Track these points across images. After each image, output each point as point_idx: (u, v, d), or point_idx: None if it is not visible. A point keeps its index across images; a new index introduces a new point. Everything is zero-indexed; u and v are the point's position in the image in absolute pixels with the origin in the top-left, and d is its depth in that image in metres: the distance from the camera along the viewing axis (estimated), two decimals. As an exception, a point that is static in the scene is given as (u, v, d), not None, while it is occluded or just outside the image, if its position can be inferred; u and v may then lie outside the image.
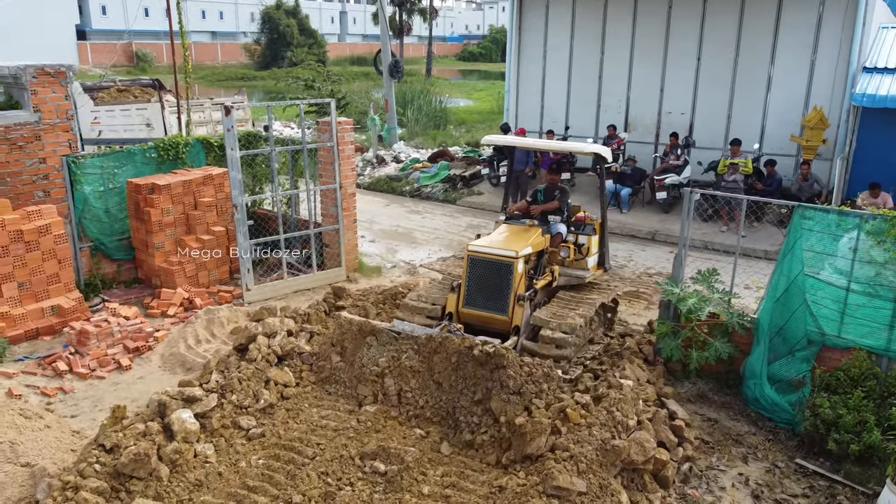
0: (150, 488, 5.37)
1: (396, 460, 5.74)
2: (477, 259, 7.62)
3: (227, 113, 9.21)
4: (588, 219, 8.88)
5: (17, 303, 8.66)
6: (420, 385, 6.61)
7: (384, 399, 6.66)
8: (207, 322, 8.58)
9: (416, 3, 58.62)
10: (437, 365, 6.59)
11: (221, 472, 5.70)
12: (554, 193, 8.82)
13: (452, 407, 6.44)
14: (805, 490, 5.98)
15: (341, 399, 6.84)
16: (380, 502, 5.39)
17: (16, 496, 5.39)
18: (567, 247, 8.50)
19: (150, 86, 16.85)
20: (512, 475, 5.57)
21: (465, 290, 7.69)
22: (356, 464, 5.80)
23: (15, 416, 6.30)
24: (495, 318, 7.56)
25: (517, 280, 7.50)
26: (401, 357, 6.74)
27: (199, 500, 5.37)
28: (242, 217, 9.51)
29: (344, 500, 5.38)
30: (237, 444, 6.07)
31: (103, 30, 60.56)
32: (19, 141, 8.91)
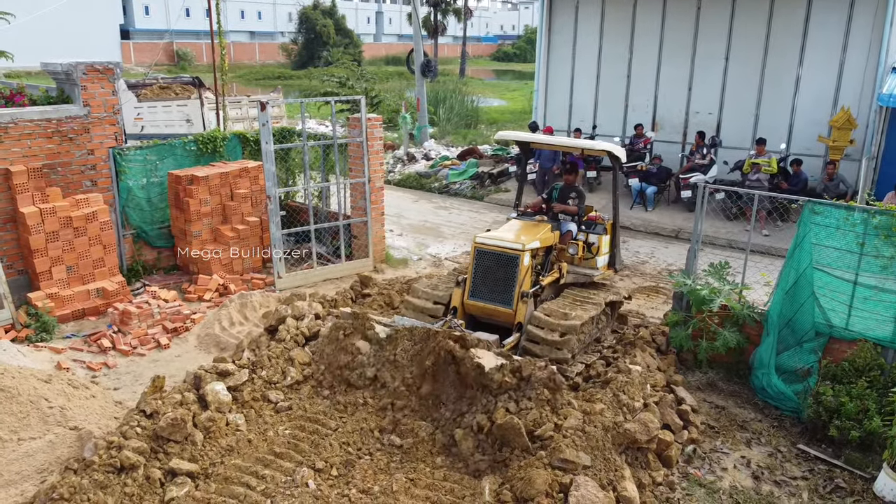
0: (186, 451, 5.83)
1: (411, 434, 6.12)
2: (483, 251, 7.67)
3: (263, 109, 9.69)
4: (599, 219, 8.91)
5: (66, 285, 9.25)
6: (407, 385, 6.49)
7: (379, 395, 6.57)
8: (241, 306, 9.06)
9: (451, 3, 59.03)
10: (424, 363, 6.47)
11: (251, 440, 6.14)
12: (570, 193, 8.87)
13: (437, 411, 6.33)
14: (805, 473, 6.22)
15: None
16: (396, 470, 5.78)
17: (65, 455, 5.89)
18: (576, 244, 8.54)
19: (191, 83, 17.51)
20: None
21: (471, 281, 7.74)
22: (375, 436, 6.20)
23: (64, 385, 6.83)
24: (500, 310, 7.60)
25: (523, 273, 7.52)
26: (395, 352, 6.67)
27: (230, 463, 5.82)
28: (275, 208, 9.99)
29: (363, 467, 5.78)
30: (266, 415, 6.51)
31: (146, 29, 62.15)
32: (70, 133, 9.51)
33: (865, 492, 5.93)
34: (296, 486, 5.48)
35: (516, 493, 5.32)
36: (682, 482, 6.06)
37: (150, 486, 5.45)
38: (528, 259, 7.62)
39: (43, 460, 5.90)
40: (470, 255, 7.82)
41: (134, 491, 5.36)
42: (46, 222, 9.01)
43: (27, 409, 6.24)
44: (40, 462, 5.88)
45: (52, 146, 9.38)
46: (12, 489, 5.63)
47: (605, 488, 5.47)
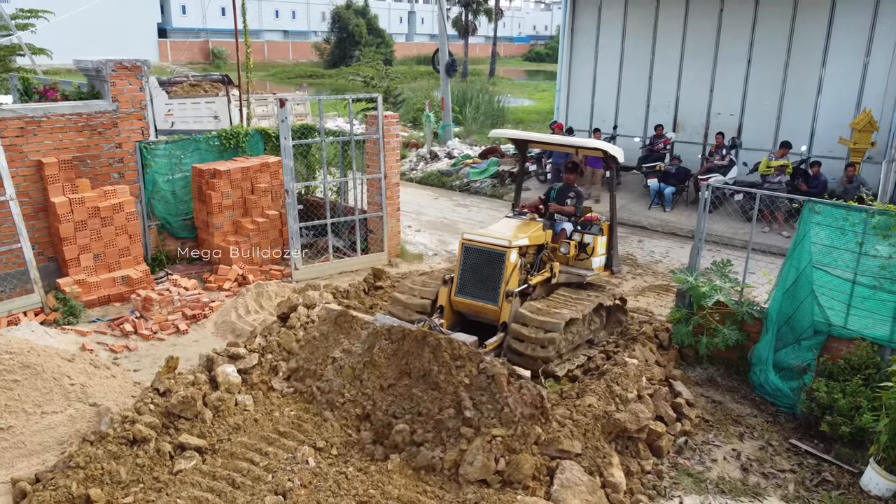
0: (195, 428, 6.16)
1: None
2: (471, 247, 7.61)
3: (282, 105, 10.03)
4: (596, 219, 8.83)
5: (93, 272, 9.69)
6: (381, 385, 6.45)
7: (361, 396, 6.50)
8: (257, 295, 9.41)
9: (483, 3, 59.20)
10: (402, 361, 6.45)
11: (257, 419, 6.45)
12: (568, 194, 8.83)
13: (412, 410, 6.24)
14: (793, 466, 6.34)
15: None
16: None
17: (84, 429, 6.26)
18: (568, 243, 8.45)
19: (220, 81, 18.02)
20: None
21: (458, 278, 7.67)
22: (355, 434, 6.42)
23: (86, 364, 7.22)
24: (486, 307, 7.53)
25: (509, 270, 7.44)
26: (373, 350, 6.60)
27: (236, 440, 6.13)
28: (293, 201, 10.33)
29: (362, 447, 6.05)
30: (272, 397, 6.82)
31: (182, 28, 63.39)
32: (99, 127, 9.96)
33: (852, 486, 6.03)
34: (296, 463, 5.77)
35: (504, 477, 5.54)
36: (670, 471, 6.23)
37: (160, 458, 5.79)
38: (514, 256, 7.54)
39: (63, 433, 6.28)
40: (458, 252, 7.76)
41: (145, 462, 5.70)
42: (76, 212, 9.46)
43: (51, 385, 6.62)
44: (61, 434, 6.26)
45: (83, 139, 9.83)
46: (34, 458, 6.01)
47: (592, 474, 5.68)
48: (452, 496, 5.46)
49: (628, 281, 11.46)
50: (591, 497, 5.33)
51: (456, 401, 5.93)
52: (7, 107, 9.26)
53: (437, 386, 6.09)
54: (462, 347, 6.19)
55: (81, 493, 5.27)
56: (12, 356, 6.63)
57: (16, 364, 6.57)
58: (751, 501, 5.85)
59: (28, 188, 9.42)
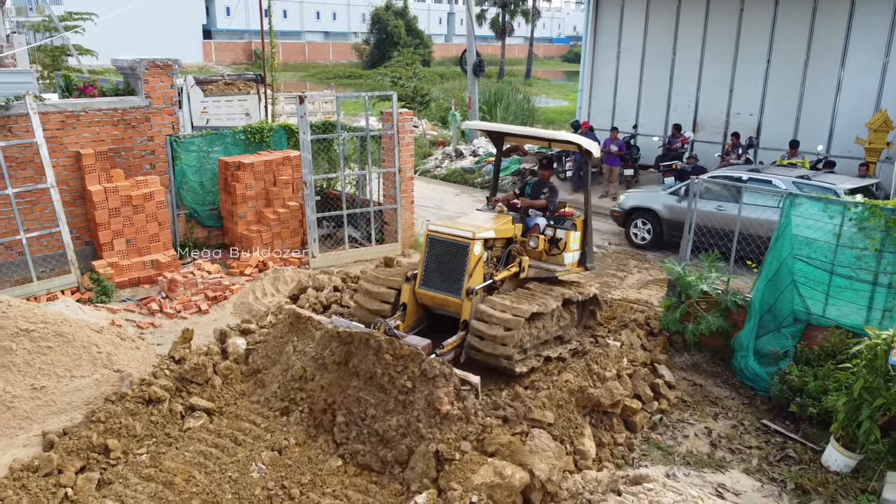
0: (206, 392, 6.80)
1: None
2: (435, 239, 7.49)
3: (301, 102, 10.67)
4: (571, 214, 8.67)
5: (125, 255, 10.46)
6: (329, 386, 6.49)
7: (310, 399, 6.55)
8: (274, 279, 10.05)
9: (520, 4, 59.48)
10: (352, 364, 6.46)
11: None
12: (543, 189, 8.78)
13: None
14: (760, 444, 6.69)
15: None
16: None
17: (107, 391, 6.93)
18: (536, 237, 8.23)
19: (253, 80, 18.76)
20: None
21: (423, 270, 7.54)
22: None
23: (113, 336, 7.92)
24: (450, 300, 7.39)
25: (473, 262, 7.27)
26: (324, 353, 6.63)
27: (241, 404, 6.75)
28: (311, 193, 10.96)
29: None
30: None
31: (226, 29, 64.99)
32: (133, 121, 10.73)
33: (813, 462, 6.36)
34: (291, 425, 6.36)
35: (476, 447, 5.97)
36: (642, 445, 6.64)
37: (172, 416, 6.44)
38: (479, 248, 7.38)
39: (89, 395, 6.96)
40: (422, 243, 7.69)
41: (158, 420, 6.35)
42: (110, 200, 10.23)
43: (80, 352, 7.32)
44: (87, 396, 6.95)
45: (117, 133, 10.61)
46: (63, 416, 6.70)
47: (563, 442, 6.12)
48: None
49: (633, 274, 11.83)
50: (557, 462, 5.77)
51: (400, 403, 5.99)
52: (49, 102, 10.08)
53: (383, 388, 6.12)
54: (404, 348, 6.14)
55: (101, 443, 5.94)
56: (47, 325, 7.35)
57: (50, 332, 7.28)
58: (713, 473, 6.23)
59: (67, 177, 10.22)
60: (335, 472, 5.83)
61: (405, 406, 5.98)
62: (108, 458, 5.88)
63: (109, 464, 5.84)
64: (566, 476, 5.85)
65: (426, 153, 21.72)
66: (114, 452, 5.90)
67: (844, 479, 6.07)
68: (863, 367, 6.05)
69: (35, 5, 51.16)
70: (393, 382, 6.07)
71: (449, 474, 5.45)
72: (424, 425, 5.83)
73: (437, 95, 27.50)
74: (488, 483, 5.33)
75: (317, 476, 5.78)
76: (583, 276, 9.57)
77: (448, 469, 5.51)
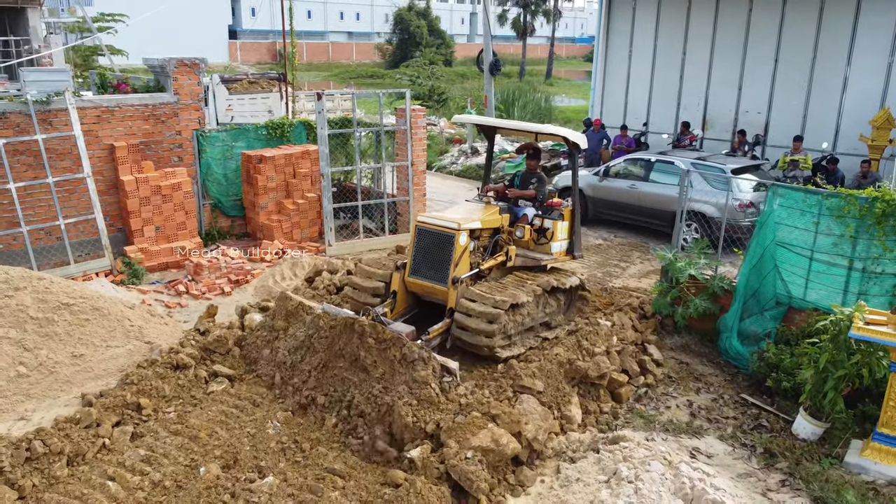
0: (226, 361, 7.47)
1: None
2: (423, 229, 7.76)
3: (319, 98, 11.34)
4: (559, 205, 8.82)
5: (154, 242, 11.20)
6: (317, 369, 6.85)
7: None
8: (292, 265, 10.72)
9: (541, 4, 59.87)
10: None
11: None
12: (531, 179, 9.02)
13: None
14: (736, 415, 7.20)
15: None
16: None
17: (138, 360, 7.64)
18: (523, 227, 8.44)
19: (276, 79, 19.51)
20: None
21: (412, 259, 7.80)
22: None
23: (144, 312, 8.64)
24: (437, 288, 7.64)
25: (458, 252, 7.53)
26: (312, 336, 6.99)
27: (259, 371, 7.41)
28: (327, 184, 11.62)
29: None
30: (294, 342, 8.06)
31: (252, 30, 66.15)
32: (162, 117, 11.47)
33: (784, 431, 6.86)
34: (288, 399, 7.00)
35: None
36: (626, 414, 7.18)
37: (196, 381, 7.11)
38: (464, 238, 7.64)
39: (123, 363, 7.68)
40: (411, 234, 7.98)
41: (185, 383, 7.03)
42: (141, 189, 10.98)
43: (114, 325, 8.04)
44: (121, 364, 7.66)
45: (148, 127, 11.37)
46: (100, 381, 7.41)
47: (551, 408, 6.69)
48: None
49: (635, 265, 12.33)
50: (543, 423, 6.35)
51: (381, 383, 6.39)
52: (86, 98, 10.87)
53: (365, 369, 6.53)
54: (385, 331, 6.49)
55: (134, 402, 6.62)
56: (85, 300, 8.08)
57: (87, 306, 8.01)
58: (690, 438, 6.76)
59: (102, 168, 10.99)
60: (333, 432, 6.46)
61: (386, 386, 6.33)
62: (141, 414, 6.57)
63: (142, 419, 6.52)
64: (552, 437, 6.42)
65: (442, 150, 22.33)
66: (145, 410, 6.58)
67: (811, 446, 6.57)
68: (828, 341, 6.55)
69: (66, 6, 52.71)
70: (375, 364, 6.45)
71: (449, 431, 6.00)
72: (404, 404, 6.16)
73: (454, 94, 28.08)
74: (484, 447, 5.87)
75: (322, 435, 6.40)
76: (573, 264, 9.89)
77: (449, 427, 6.06)
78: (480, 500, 5.61)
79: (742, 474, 6.19)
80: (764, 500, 5.83)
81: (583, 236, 13.49)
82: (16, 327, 7.44)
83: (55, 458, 5.78)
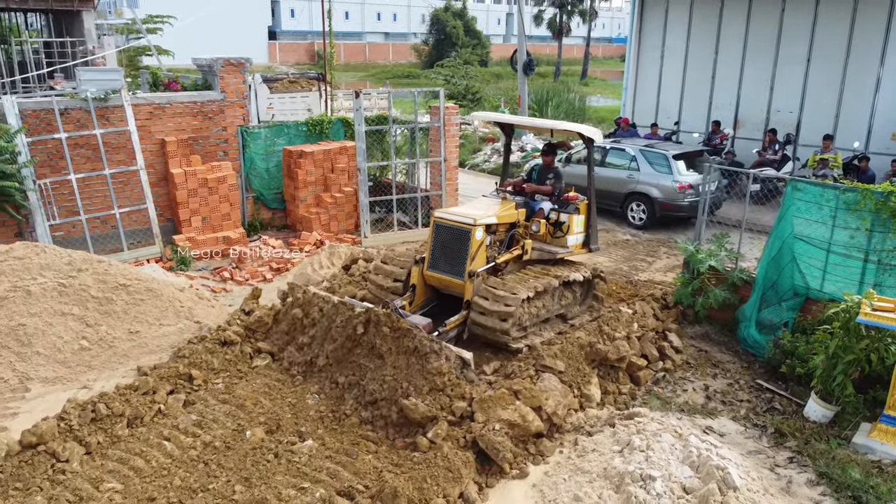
0: (268, 339, 8.04)
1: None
2: (441, 224, 8.00)
3: (357, 96, 11.88)
4: (575, 199, 9.02)
5: (200, 231, 11.86)
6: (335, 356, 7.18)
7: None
8: (330, 254, 11.27)
9: (577, 4, 59.91)
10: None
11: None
12: (548, 174, 9.19)
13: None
14: (750, 398, 7.52)
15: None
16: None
17: (189, 337, 8.25)
18: (538, 222, 8.65)
19: (315, 78, 20.16)
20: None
21: (430, 254, 8.06)
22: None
23: (192, 295, 9.27)
24: (454, 282, 7.88)
25: (475, 247, 7.74)
26: (332, 327, 7.32)
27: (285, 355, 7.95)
28: (364, 178, 12.17)
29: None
30: (331, 323, 8.58)
31: (291, 31, 67.45)
32: (210, 113, 12.14)
33: (795, 413, 7.17)
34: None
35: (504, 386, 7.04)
36: (644, 395, 7.55)
37: (242, 356, 7.69)
38: (480, 234, 7.84)
39: (174, 340, 8.29)
40: (430, 229, 8.21)
41: (231, 358, 7.61)
42: (189, 182, 11.64)
43: (166, 305, 8.67)
44: (173, 341, 8.27)
45: (196, 123, 12.05)
46: (153, 356, 8.02)
47: (571, 387, 7.10)
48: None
49: (662, 259, 12.63)
50: (563, 399, 6.77)
51: (395, 369, 6.70)
52: (140, 95, 11.57)
53: (381, 356, 6.84)
54: (400, 321, 6.82)
55: (186, 373, 7.22)
56: (140, 282, 8.73)
57: (142, 287, 8.65)
58: (704, 418, 7.11)
59: (153, 161, 11.69)
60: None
61: (396, 374, 6.65)
62: (192, 384, 7.16)
63: (193, 389, 7.11)
64: (571, 413, 6.84)
65: (476, 148, 22.78)
66: (196, 380, 7.17)
67: (820, 428, 6.87)
68: (838, 328, 6.84)
69: (113, 8, 54.39)
70: (390, 352, 6.74)
71: (479, 404, 6.44)
72: (416, 389, 6.53)
73: (488, 94, 28.52)
74: (511, 421, 6.32)
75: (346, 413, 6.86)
76: (599, 257, 10.28)
77: (479, 399, 6.49)
78: (504, 467, 6.06)
79: (752, 451, 6.53)
80: (771, 474, 6.16)
81: (611, 233, 13.95)
82: (78, 305, 8.11)
83: (117, 420, 6.39)
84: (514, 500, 5.80)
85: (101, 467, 5.88)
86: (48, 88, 17.83)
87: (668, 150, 14.10)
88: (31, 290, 7.99)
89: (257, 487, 5.63)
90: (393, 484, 5.35)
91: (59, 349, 7.69)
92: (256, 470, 5.87)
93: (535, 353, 7.34)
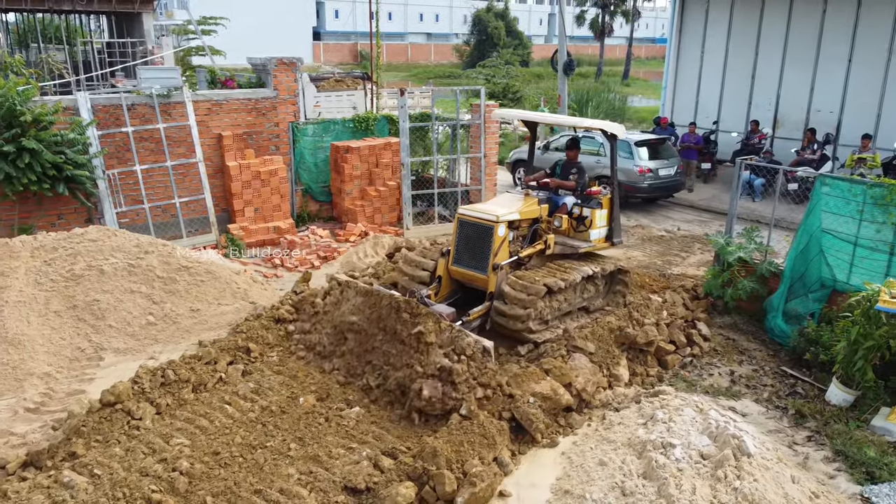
0: (313, 318, 8.62)
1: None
2: (464, 221, 8.17)
3: (402, 94, 12.45)
4: (598, 193, 9.11)
5: (253, 221, 12.56)
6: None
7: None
8: (374, 244, 11.87)
9: (620, 4, 59.77)
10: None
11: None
12: (571, 169, 9.30)
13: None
14: (773, 383, 7.85)
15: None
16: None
17: (245, 316, 8.90)
18: (560, 217, 8.77)
19: (360, 77, 20.86)
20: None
21: (455, 249, 8.22)
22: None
23: (247, 278, 9.94)
24: (477, 276, 8.04)
25: (497, 242, 7.89)
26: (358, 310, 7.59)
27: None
28: (407, 173, 12.73)
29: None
30: (376, 306, 9.15)
31: (335, 31, 68.63)
32: (263, 110, 12.85)
33: (817, 398, 7.48)
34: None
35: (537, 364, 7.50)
36: (671, 378, 7.94)
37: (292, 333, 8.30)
38: (503, 230, 7.99)
39: (232, 318, 8.95)
40: (454, 225, 8.38)
41: (284, 334, 8.23)
42: (243, 174, 12.35)
43: (224, 286, 9.35)
44: (230, 319, 8.93)
45: (250, 119, 12.76)
46: (213, 332, 8.69)
47: (601, 367, 7.54)
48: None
49: (696, 255, 12.92)
50: (592, 377, 7.22)
51: (415, 352, 6.91)
52: (199, 92, 12.33)
53: (402, 341, 7.05)
54: (419, 307, 7.05)
55: (244, 346, 7.86)
56: (200, 265, 9.43)
57: (202, 270, 9.35)
58: (727, 400, 7.47)
59: (211, 154, 12.44)
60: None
61: (414, 359, 6.88)
62: (249, 357, 7.79)
63: (250, 361, 7.74)
64: (600, 390, 7.28)
65: (515, 146, 23.20)
66: (253, 353, 7.80)
67: (841, 411, 7.19)
68: (859, 315, 7.15)
69: (164, 10, 56.17)
70: (410, 337, 6.96)
71: (514, 379, 6.92)
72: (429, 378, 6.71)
73: (528, 93, 28.92)
74: (544, 394, 6.80)
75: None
76: (633, 251, 10.58)
77: (514, 374, 6.98)
78: (536, 436, 6.55)
79: (772, 430, 6.89)
80: (789, 451, 6.52)
81: (646, 229, 14.29)
82: (146, 284, 8.83)
83: (183, 385, 7.04)
84: (545, 465, 6.28)
85: (171, 425, 6.53)
86: (110, 87, 18.85)
87: (632, 138, 15.53)
88: (104, 269, 8.73)
89: (310, 446, 6.22)
90: (433, 444, 5.87)
91: (129, 323, 8.41)
92: (309, 431, 6.46)
93: (566, 334, 7.79)
